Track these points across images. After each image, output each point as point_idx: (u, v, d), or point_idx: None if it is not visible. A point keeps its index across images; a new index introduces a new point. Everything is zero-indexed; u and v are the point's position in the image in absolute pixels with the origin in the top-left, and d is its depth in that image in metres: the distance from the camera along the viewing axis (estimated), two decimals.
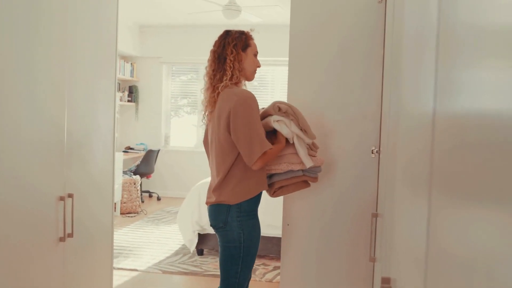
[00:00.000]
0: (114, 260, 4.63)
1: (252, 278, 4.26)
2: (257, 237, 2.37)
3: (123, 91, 8.31)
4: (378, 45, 2.68)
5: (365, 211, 2.71)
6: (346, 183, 2.77)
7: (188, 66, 8.60)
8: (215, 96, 2.34)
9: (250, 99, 2.26)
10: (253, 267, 4.51)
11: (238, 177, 2.30)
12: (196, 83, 8.60)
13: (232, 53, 2.33)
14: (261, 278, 4.29)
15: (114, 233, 5.71)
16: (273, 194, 2.52)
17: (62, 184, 2.44)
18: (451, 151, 0.72)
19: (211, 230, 4.78)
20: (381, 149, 2.42)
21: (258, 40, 2.56)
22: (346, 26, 2.74)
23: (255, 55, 2.43)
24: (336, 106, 2.76)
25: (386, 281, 1.34)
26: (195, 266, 4.59)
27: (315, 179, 2.52)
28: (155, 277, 4.31)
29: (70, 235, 2.48)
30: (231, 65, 2.32)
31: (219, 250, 2.42)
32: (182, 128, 8.76)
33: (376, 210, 2.57)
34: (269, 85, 8.14)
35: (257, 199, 2.37)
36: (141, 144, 8.44)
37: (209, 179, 5.34)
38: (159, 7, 7.15)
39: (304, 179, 2.48)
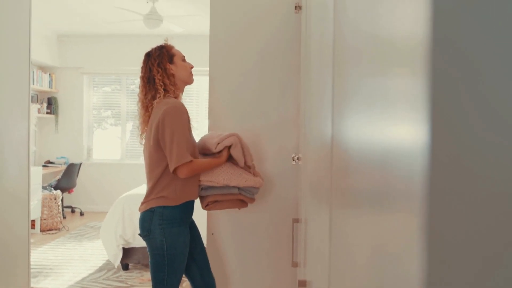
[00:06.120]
0: (33, 280, 4.42)
1: None
2: (182, 245, 2.36)
3: (42, 103, 7.98)
4: (295, 52, 2.75)
5: (286, 217, 2.76)
6: (268, 190, 2.80)
7: (111, 77, 8.38)
8: (149, 115, 2.37)
9: (179, 108, 2.29)
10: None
11: (164, 185, 2.32)
12: (120, 94, 8.40)
13: (158, 72, 2.37)
14: None
15: (34, 251, 5.47)
16: (206, 207, 2.49)
17: None
18: (345, 172, 0.76)
19: (136, 244, 4.67)
20: (300, 155, 2.47)
21: (181, 50, 2.56)
22: (264, 34, 2.79)
23: (183, 59, 2.47)
24: (256, 113, 2.79)
25: (302, 283, 1.37)
26: (120, 281, 4.46)
27: (251, 199, 2.51)
28: None
29: None
30: (161, 83, 2.36)
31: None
32: (106, 141, 8.52)
33: (297, 216, 2.62)
34: (194, 95, 8.10)
35: (183, 207, 2.36)
36: (62, 157, 8.12)
37: (134, 191, 5.24)
38: (78, 16, 6.94)
39: (240, 197, 2.46)
